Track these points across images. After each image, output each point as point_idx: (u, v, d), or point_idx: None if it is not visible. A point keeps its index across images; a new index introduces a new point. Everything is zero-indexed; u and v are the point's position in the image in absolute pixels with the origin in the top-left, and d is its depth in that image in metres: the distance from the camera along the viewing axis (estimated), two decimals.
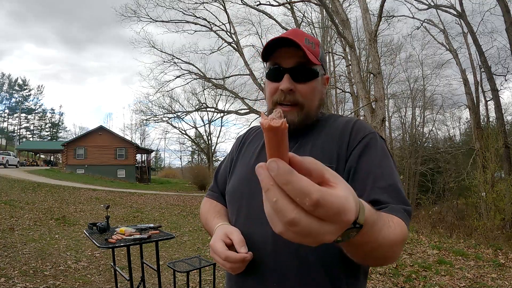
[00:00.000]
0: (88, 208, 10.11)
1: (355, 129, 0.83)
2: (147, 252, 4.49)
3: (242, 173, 0.93)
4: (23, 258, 4.44)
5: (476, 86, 14.90)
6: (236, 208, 0.89)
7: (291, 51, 0.82)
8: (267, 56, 0.85)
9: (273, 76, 0.85)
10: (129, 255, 2.70)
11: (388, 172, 0.76)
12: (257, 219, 0.81)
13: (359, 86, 9.01)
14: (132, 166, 30.28)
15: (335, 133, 0.85)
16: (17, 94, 56.34)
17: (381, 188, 0.73)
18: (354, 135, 0.82)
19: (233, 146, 1.08)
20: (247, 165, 0.93)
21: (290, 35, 0.82)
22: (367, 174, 0.75)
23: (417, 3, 14.43)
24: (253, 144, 0.99)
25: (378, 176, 0.75)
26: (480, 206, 9.87)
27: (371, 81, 13.53)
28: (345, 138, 0.82)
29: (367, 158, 0.78)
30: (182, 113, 23.64)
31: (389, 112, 24.05)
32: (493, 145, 9.94)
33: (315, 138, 0.87)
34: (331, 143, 0.83)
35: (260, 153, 0.93)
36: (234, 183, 0.94)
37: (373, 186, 0.73)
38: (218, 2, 15.73)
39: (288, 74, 0.83)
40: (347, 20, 9.02)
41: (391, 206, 0.69)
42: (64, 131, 59.85)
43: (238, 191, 0.90)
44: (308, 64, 0.83)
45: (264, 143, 0.41)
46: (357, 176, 0.76)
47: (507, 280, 4.10)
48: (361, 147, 0.79)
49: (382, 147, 0.80)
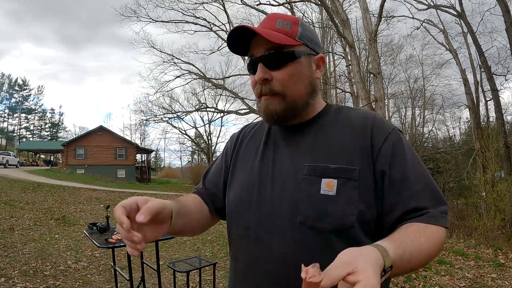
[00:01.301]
0: (88, 208, 10.11)
1: (377, 126, 0.77)
2: (147, 252, 4.49)
3: (246, 178, 0.84)
4: (23, 258, 4.44)
5: (476, 86, 14.90)
6: (244, 217, 0.80)
7: (261, 39, 0.75)
8: (239, 51, 0.80)
9: (250, 68, 0.80)
10: (129, 255, 2.70)
11: (421, 172, 0.74)
12: (273, 228, 0.74)
13: (359, 86, 9.01)
14: (132, 166, 30.28)
15: (353, 128, 0.77)
16: (17, 94, 56.40)
17: (418, 192, 0.71)
18: (377, 133, 0.75)
19: (227, 146, 0.97)
20: (250, 168, 0.84)
21: (261, 25, 0.79)
22: (402, 180, 0.72)
23: (416, 3, 14.42)
24: (253, 144, 0.90)
25: (413, 180, 0.72)
26: (480, 206, 9.86)
27: (371, 81, 13.53)
28: (367, 135, 0.75)
29: (399, 161, 0.73)
30: (182, 113, 23.63)
31: (389, 112, 24.06)
32: (493, 145, 9.93)
33: (329, 132, 0.79)
34: (351, 140, 0.76)
35: (264, 153, 0.84)
36: (238, 191, 0.85)
37: (410, 193, 0.71)
38: (218, 2, 15.72)
39: (261, 63, 0.76)
40: (347, 20, 9.02)
41: (428, 214, 0.69)
42: (64, 131, 59.94)
43: (245, 199, 0.81)
44: (281, 48, 0.75)
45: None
46: (393, 183, 0.72)
47: (507, 280, 4.10)
48: (389, 147, 0.74)
49: (408, 145, 0.77)
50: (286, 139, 0.82)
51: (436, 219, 0.69)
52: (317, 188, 0.72)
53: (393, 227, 0.70)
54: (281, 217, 0.74)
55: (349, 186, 0.71)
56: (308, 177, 0.73)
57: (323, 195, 0.71)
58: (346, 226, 0.70)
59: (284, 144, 0.82)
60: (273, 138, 0.86)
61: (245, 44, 0.79)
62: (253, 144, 0.90)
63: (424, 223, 0.68)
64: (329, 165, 0.73)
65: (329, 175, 0.72)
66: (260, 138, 0.89)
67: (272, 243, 0.73)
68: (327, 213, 0.70)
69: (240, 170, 0.88)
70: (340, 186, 0.71)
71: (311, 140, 0.79)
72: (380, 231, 0.73)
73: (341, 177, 0.71)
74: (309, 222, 0.71)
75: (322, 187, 0.71)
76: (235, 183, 0.87)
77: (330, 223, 0.70)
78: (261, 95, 0.79)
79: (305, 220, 0.71)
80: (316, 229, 0.70)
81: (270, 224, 0.75)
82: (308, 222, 0.71)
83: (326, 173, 0.72)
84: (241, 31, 0.75)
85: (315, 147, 0.78)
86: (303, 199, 0.72)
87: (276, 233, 0.74)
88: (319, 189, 0.71)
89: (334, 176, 0.72)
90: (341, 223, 0.70)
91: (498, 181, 9.70)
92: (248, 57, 0.80)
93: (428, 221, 0.68)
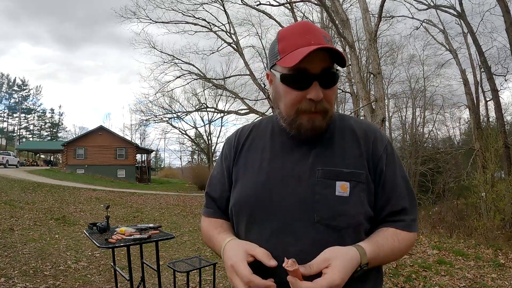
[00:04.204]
0: (88, 208, 10.11)
1: (378, 138, 0.86)
2: (147, 252, 4.49)
3: (254, 180, 0.84)
4: (23, 258, 4.44)
5: (476, 86, 14.90)
6: (255, 217, 0.81)
7: (319, 54, 0.75)
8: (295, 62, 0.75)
9: (297, 82, 0.77)
10: (129, 255, 2.70)
11: (406, 179, 0.87)
12: (287, 227, 0.77)
13: (359, 86, 9.01)
14: (132, 166, 30.29)
15: (358, 138, 0.85)
16: (16, 94, 56.40)
17: (402, 196, 0.84)
18: (378, 144, 0.85)
19: (225, 152, 0.96)
20: (259, 170, 0.85)
21: (311, 38, 0.76)
22: (393, 185, 0.83)
23: (416, 3, 14.43)
24: (256, 147, 0.90)
25: (400, 185, 0.84)
26: (480, 206, 9.86)
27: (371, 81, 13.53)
28: (369, 146, 0.84)
29: (392, 168, 0.85)
30: (182, 113, 23.63)
31: (389, 112, 24.07)
32: (493, 145, 9.93)
33: (336, 139, 0.85)
34: (357, 148, 0.84)
35: (272, 157, 0.85)
36: (246, 191, 0.85)
37: (398, 196, 0.83)
38: (217, 3, 15.72)
39: (317, 81, 0.76)
40: (347, 20, 9.02)
41: (403, 223, 0.82)
42: (64, 131, 59.95)
43: (255, 199, 0.82)
44: (332, 67, 0.78)
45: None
46: (387, 185, 0.83)
47: (507, 280, 4.10)
48: (385, 157, 0.84)
49: (397, 155, 0.88)
50: (295, 144, 0.85)
51: (409, 227, 0.83)
52: (332, 190, 0.78)
53: (377, 225, 0.83)
54: (297, 217, 0.78)
55: (359, 188, 0.79)
56: (322, 180, 0.79)
57: (338, 196, 0.78)
58: (357, 224, 0.78)
59: (292, 148, 0.85)
60: (280, 142, 0.88)
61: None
62: (256, 149, 0.90)
63: (400, 230, 0.81)
64: (343, 169, 0.80)
65: (343, 178, 0.79)
66: (264, 143, 0.89)
67: (288, 241, 0.77)
68: (342, 212, 0.77)
69: (247, 172, 0.88)
70: (352, 188, 0.79)
71: (320, 146, 0.84)
72: (372, 229, 0.83)
73: (353, 180, 0.79)
74: (325, 221, 0.77)
75: (337, 189, 0.78)
76: (240, 186, 0.87)
77: (344, 221, 0.77)
78: (305, 111, 0.78)
79: (321, 220, 0.77)
80: (331, 227, 0.77)
81: (285, 224, 0.78)
82: (324, 221, 0.77)
83: (340, 176, 0.79)
84: (318, 50, 0.73)
85: (325, 153, 0.83)
86: (319, 200, 0.78)
87: (292, 232, 0.77)
88: (334, 191, 0.78)
89: (347, 179, 0.79)
90: (353, 221, 0.78)
91: (497, 181, 9.70)
92: (292, 69, 0.76)
93: (403, 229, 0.81)
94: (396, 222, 0.82)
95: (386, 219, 0.82)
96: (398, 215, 0.82)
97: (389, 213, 0.82)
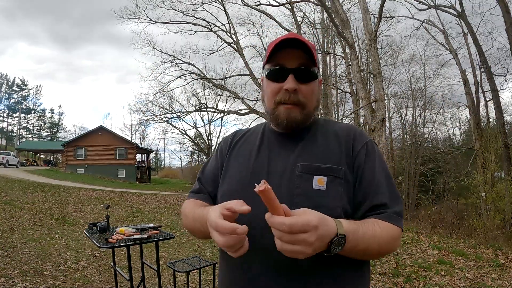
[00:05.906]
0: (88, 208, 10.11)
1: (357, 136, 0.91)
2: (147, 252, 4.49)
3: (240, 174, 0.91)
4: (23, 258, 4.44)
5: (476, 86, 14.91)
6: None
7: (295, 53, 0.86)
8: (272, 56, 0.87)
9: (276, 76, 0.88)
10: (129, 255, 2.70)
11: (386, 175, 0.88)
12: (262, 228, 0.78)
13: (359, 86, 9.01)
14: (132, 166, 30.28)
15: (339, 137, 0.90)
16: (16, 94, 56.37)
17: (381, 192, 0.85)
18: (357, 141, 0.90)
19: (220, 148, 1.03)
20: (245, 167, 0.92)
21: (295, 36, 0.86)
22: (371, 180, 0.86)
23: (417, 3, 14.43)
24: (247, 146, 0.97)
25: (380, 181, 0.86)
26: (480, 206, 9.87)
27: (371, 81, 13.54)
28: (349, 143, 0.89)
29: (371, 164, 0.88)
30: (182, 113, 23.61)
31: (389, 112, 24.07)
32: (493, 145, 9.94)
33: (318, 139, 0.91)
34: (337, 146, 0.89)
35: (258, 154, 0.93)
36: (232, 184, 0.92)
37: (377, 191, 0.85)
38: (218, 3, 15.72)
39: (292, 74, 0.86)
40: (347, 20, 9.02)
41: (385, 214, 0.82)
42: (64, 131, 59.93)
43: (240, 193, 0.85)
44: (309, 66, 0.88)
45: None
46: (364, 181, 0.86)
47: (507, 280, 4.10)
48: (364, 154, 0.88)
49: (379, 153, 0.92)
50: (281, 143, 0.93)
51: (390, 218, 0.82)
52: (309, 184, 0.83)
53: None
54: None
55: (336, 183, 0.83)
56: (302, 174, 0.84)
57: (315, 190, 0.82)
58: (335, 216, 0.77)
59: (278, 146, 0.93)
60: (268, 141, 0.96)
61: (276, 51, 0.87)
62: (247, 146, 0.98)
63: (380, 220, 0.81)
64: (320, 165, 0.85)
65: (320, 172, 0.84)
66: (254, 142, 0.97)
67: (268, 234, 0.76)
68: (319, 205, 0.79)
69: (234, 167, 0.95)
70: (329, 182, 0.83)
71: (303, 144, 0.91)
72: None
73: (330, 175, 0.84)
74: None
75: (314, 182, 0.83)
76: (228, 178, 0.94)
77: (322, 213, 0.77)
78: (282, 103, 0.88)
79: None
80: None
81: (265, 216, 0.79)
82: None
83: (318, 171, 0.84)
84: (288, 42, 0.84)
85: (307, 150, 0.89)
86: (298, 194, 0.82)
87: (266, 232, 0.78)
88: (312, 185, 0.83)
89: (325, 174, 0.84)
90: (331, 213, 0.76)
91: (497, 181, 9.70)
92: (273, 65, 0.89)
93: (383, 219, 0.81)
94: (377, 214, 0.83)
95: (367, 214, 0.83)
96: (378, 209, 0.83)
97: (369, 208, 0.84)
